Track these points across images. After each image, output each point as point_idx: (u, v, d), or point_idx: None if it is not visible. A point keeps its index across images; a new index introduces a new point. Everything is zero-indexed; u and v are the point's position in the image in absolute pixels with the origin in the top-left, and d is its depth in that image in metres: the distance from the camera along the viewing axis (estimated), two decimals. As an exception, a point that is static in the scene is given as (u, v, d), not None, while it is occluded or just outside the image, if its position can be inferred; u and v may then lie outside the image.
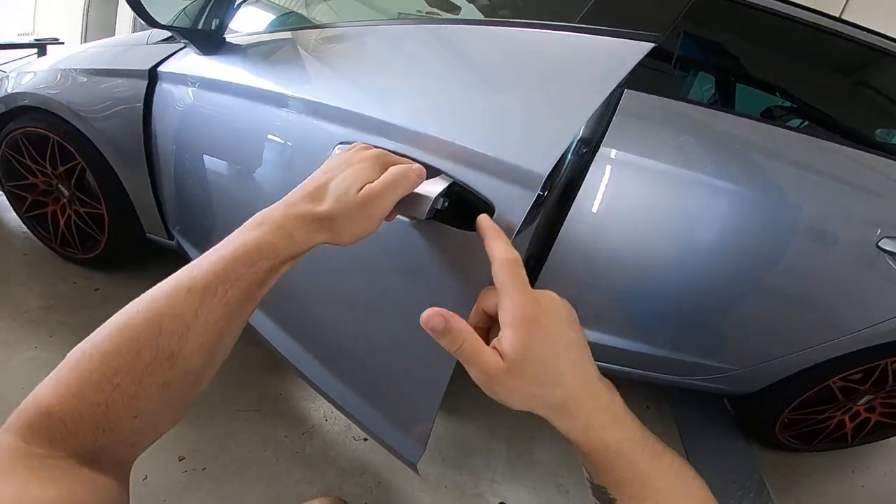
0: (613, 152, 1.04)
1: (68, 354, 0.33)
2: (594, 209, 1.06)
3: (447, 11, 1.43)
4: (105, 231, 1.64)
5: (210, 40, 1.30)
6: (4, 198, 1.84)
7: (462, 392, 1.43)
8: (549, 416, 0.37)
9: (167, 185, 1.43)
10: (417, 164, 0.48)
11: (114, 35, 2.07)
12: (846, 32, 1.21)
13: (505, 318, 0.36)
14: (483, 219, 0.45)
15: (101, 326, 0.34)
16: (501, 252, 0.40)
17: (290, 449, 1.28)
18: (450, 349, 0.37)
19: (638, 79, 1.04)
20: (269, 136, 1.03)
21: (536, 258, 1.13)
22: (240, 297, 0.37)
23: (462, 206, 0.59)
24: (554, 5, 1.01)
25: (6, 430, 0.31)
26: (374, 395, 0.90)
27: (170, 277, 0.37)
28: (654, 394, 1.77)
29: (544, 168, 0.55)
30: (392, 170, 0.46)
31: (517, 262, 0.39)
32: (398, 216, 0.54)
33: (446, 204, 0.55)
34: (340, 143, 0.78)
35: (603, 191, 1.06)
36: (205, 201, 1.29)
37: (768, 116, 1.39)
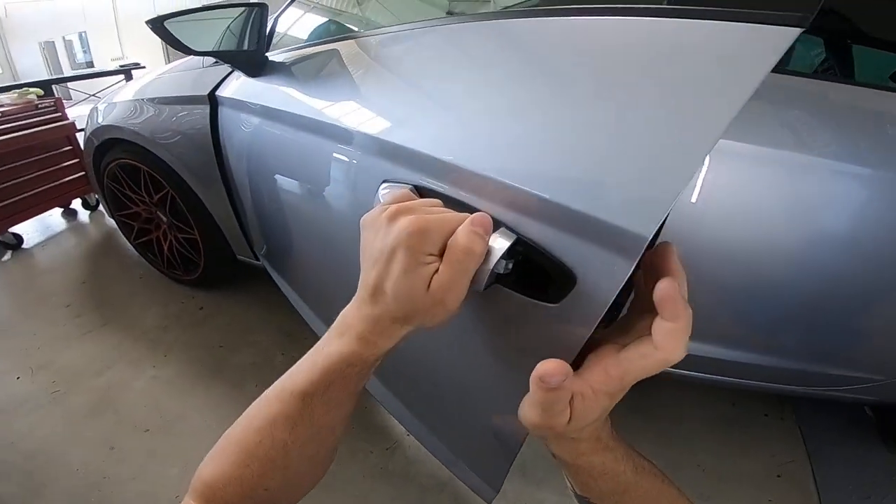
0: None
1: (220, 439, 0.43)
2: (692, 200, 0.91)
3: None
4: (201, 254, 1.76)
5: (252, 61, 1.26)
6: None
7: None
8: (548, 440, 0.41)
9: (247, 208, 1.47)
10: (479, 216, 0.39)
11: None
12: None
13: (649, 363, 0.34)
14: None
15: (240, 418, 0.43)
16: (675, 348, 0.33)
17: (375, 465, 1.32)
18: (541, 402, 0.35)
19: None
20: (329, 161, 0.96)
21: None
22: (338, 395, 0.41)
23: (530, 267, 0.46)
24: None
25: (190, 494, 0.41)
26: (445, 433, 0.87)
27: (280, 380, 0.43)
28: (772, 400, 1.55)
29: (648, 229, 0.39)
30: (454, 249, 0.38)
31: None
32: None
33: (510, 266, 0.44)
34: (384, 182, 0.69)
35: (699, 180, 0.90)
36: (282, 225, 1.29)
37: (898, 81, 1.09)
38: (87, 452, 1.33)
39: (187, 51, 1.21)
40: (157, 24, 1.14)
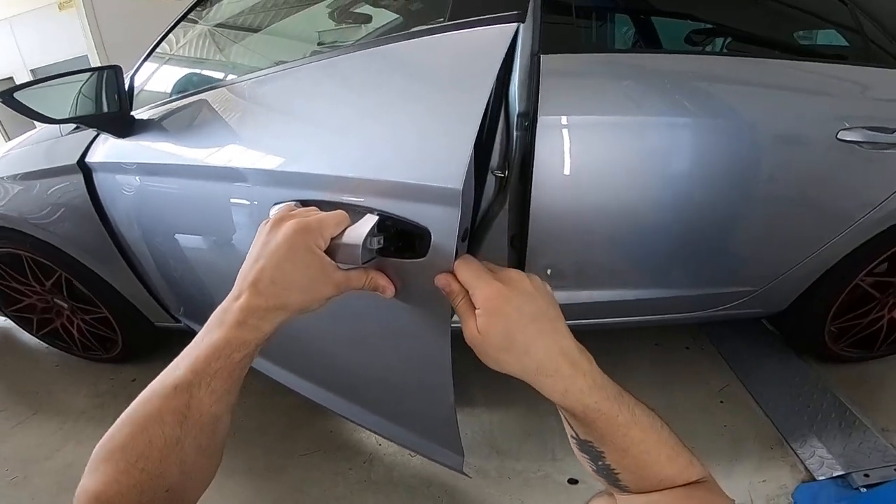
0: (564, 119, 1.01)
1: (95, 449, 0.41)
2: (566, 172, 1.05)
3: (358, 23, 1.30)
4: (116, 331, 1.64)
5: (118, 122, 1.22)
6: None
7: (496, 384, 1.44)
8: (526, 379, 0.45)
9: (151, 272, 1.40)
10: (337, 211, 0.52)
11: (34, 127, 1.95)
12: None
13: (476, 303, 0.46)
14: (439, 277, 0.52)
15: (116, 423, 0.41)
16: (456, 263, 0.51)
17: (358, 479, 1.36)
18: (453, 304, 0.50)
19: (557, 40, 1.04)
20: (220, 200, 1.01)
21: (520, 236, 1.11)
22: (223, 384, 0.42)
23: (404, 236, 0.60)
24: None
25: None
26: (399, 416, 0.95)
27: (158, 377, 0.43)
28: (690, 333, 1.72)
29: (458, 183, 0.56)
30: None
31: (468, 258, 0.51)
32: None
33: (381, 242, 0.56)
34: (274, 204, 0.78)
35: (567, 155, 1.04)
36: (193, 279, 1.27)
37: (690, 42, 1.36)
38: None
39: (46, 120, 1.19)
40: (7, 97, 1.11)
